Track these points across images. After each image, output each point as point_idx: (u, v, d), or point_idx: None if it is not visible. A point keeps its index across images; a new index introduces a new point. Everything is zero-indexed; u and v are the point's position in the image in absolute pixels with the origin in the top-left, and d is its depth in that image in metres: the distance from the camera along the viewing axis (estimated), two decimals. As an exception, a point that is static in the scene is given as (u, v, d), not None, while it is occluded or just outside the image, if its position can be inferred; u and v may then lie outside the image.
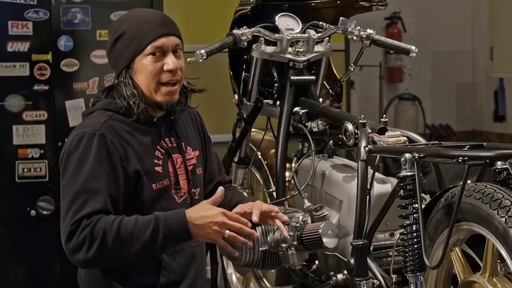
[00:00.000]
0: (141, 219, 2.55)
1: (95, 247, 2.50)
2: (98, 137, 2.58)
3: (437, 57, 6.88)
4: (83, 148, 2.57)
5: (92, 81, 4.73)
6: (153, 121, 2.72)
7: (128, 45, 2.65)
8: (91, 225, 2.50)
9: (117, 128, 2.64)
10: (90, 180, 2.54)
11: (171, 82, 2.68)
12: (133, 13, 2.73)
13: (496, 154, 2.38)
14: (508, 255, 2.35)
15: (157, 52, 2.65)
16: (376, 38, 3.46)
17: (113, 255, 2.54)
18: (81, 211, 2.51)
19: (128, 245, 2.52)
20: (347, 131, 3.05)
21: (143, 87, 2.67)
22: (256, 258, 2.93)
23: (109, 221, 2.51)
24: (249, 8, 3.39)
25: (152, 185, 2.65)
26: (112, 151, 2.59)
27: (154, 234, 2.53)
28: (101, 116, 2.65)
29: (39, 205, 4.66)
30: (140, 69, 2.66)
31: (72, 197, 2.53)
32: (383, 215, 2.84)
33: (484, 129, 7.19)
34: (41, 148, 4.66)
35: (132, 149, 2.63)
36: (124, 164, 2.60)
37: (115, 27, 2.70)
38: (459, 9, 7.14)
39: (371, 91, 6.77)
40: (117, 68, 2.69)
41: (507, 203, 2.35)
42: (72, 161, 2.57)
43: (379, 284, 2.80)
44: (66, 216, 2.53)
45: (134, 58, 2.65)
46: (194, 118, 2.91)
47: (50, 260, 4.67)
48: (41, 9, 4.65)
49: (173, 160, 2.72)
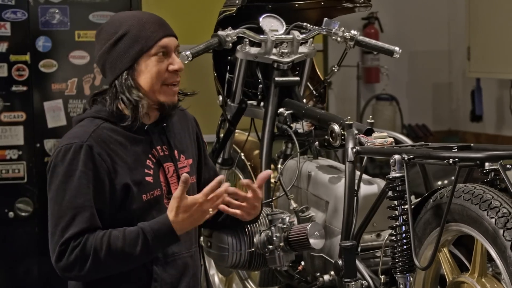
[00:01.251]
0: (128, 233, 2.50)
1: (87, 267, 2.47)
2: (85, 150, 2.51)
3: (414, 57, 6.91)
4: (69, 161, 2.51)
5: (71, 82, 4.70)
6: (144, 129, 2.65)
7: (132, 45, 2.58)
8: (80, 246, 2.47)
9: (106, 138, 2.57)
10: (77, 196, 2.49)
11: (174, 83, 2.64)
12: (129, 14, 2.66)
13: (486, 156, 2.40)
14: (497, 255, 2.36)
15: (161, 52, 2.60)
16: (360, 39, 3.47)
17: (106, 271, 2.52)
18: (69, 229, 2.47)
19: (120, 261, 2.50)
20: (333, 132, 3.06)
21: (146, 88, 2.60)
22: (242, 259, 2.94)
23: (98, 239, 2.48)
24: (235, 9, 3.39)
25: (142, 196, 2.59)
26: (99, 163, 2.52)
27: (144, 247, 2.50)
28: (90, 125, 2.59)
29: (17, 206, 4.64)
30: (143, 70, 2.59)
31: (59, 213, 2.49)
32: (371, 216, 2.85)
33: (460, 129, 7.24)
34: (19, 150, 4.63)
35: (121, 160, 2.57)
36: (112, 176, 2.54)
37: (112, 28, 2.61)
38: (436, 9, 7.18)
39: (349, 92, 6.79)
40: (116, 70, 2.60)
41: (497, 204, 2.37)
42: (58, 174, 2.52)
43: (367, 285, 2.80)
44: (54, 233, 2.49)
45: (138, 59, 2.59)
46: (191, 125, 2.85)
47: (28, 261, 4.65)
48: (19, 10, 4.62)
49: (165, 169, 2.66)
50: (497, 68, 6.22)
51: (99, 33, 2.65)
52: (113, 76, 2.61)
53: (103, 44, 2.61)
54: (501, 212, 2.34)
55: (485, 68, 6.36)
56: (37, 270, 4.63)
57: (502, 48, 6.10)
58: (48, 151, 4.66)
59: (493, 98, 6.83)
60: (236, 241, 2.93)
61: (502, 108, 6.74)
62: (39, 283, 4.65)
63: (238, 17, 3.48)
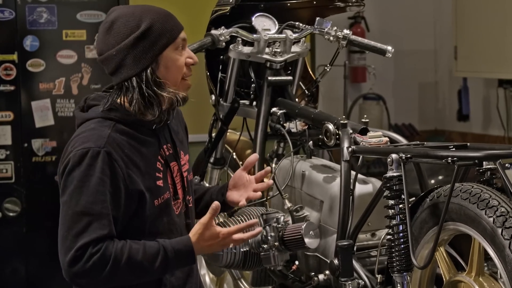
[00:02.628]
0: (148, 248, 2.46)
1: (103, 275, 2.41)
2: (103, 156, 2.43)
3: (400, 57, 6.91)
4: (86, 166, 2.43)
5: (59, 82, 4.70)
6: (152, 128, 2.58)
7: (158, 38, 2.49)
8: (99, 254, 2.40)
9: (121, 142, 2.49)
10: (94, 203, 2.41)
11: (188, 77, 2.60)
12: (143, 8, 2.54)
13: (485, 155, 2.40)
14: (496, 254, 2.36)
15: (181, 45, 2.55)
16: (353, 38, 3.47)
17: (118, 282, 2.47)
18: (85, 235, 2.40)
19: (135, 274, 2.46)
20: (328, 132, 3.05)
21: (171, 82, 2.53)
22: (237, 259, 2.93)
23: (118, 249, 2.42)
24: (228, 8, 3.38)
25: (154, 202, 2.54)
26: (116, 171, 2.45)
27: (163, 265, 2.46)
28: (103, 128, 2.50)
29: (5, 206, 4.63)
30: (168, 63, 2.51)
31: (74, 217, 2.42)
32: (367, 215, 2.85)
33: (447, 129, 7.25)
34: (7, 149, 4.62)
35: (135, 166, 2.50)
36: (127, 183, 2.47)
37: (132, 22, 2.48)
38: (422, 9, 7.18)
39: (335, 91, 6.78)
40: (140, 65, 2.49)
41: (495, 203, 2.37)
42: (74, 178, 2.43)
43: (364, 284, 2.80)
44: (66, 237, 2.42)
45: (162, 52, 2.50)
46: (181, 118, 2.81)
47: (15, 261, 4.64)
48: (6, 9, 4.61)
49: (171, 169, 2.62)
50: (484, 67, 6.24)
51: (111, 27, 2.51)
52: (135, 71, 2.50)
53: (123, 38, 2.49)
54: (499, 211, 2.35)
55: (472, 68, 6.37)
56: (25, 270, 4.63)
57: (489, 48, 6.12)
58: (35, 151, 4.65)
59: (480, 98, 6.84)
60: (230, 240, 2.92)
61: (489, 108, 6.76)
62: (26, 283, 4.65)
63: (230, 17, 3.47)
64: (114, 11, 2.56)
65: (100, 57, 2.55)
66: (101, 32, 2.55)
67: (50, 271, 4.58)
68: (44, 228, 4.57)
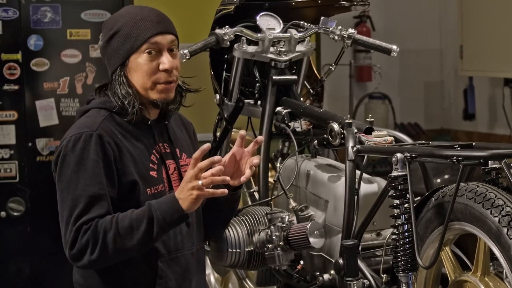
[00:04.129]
0: (136, 211, 2.51)
1: (98, 247, 2.46)
2: (95, 138, 2.52)
3: (406, 56, 6.90)
4: (80, 150, 2.51)
5: (63, 81, 4.69)
6: (148, 123, 2.67)
7: (123, 43, 2.59)
8: (91, 228, 2.46)
9: (113, 129, 2.58)
10: (92, 185, 2.49)
11: (167, 82, 2.62)
12: (128, 10, 2.67)
13: (490, 154, 2.39)
14: (501, 254, 2.35)
15: (152, 50, 2.59)
16: (358, 37, 3.46)
17: (116, 252, 2.49)
18: (84, 216, 2.47)
19: (128, 238, 2.48)
20: (333, 131, 3.04)
21: (138, 85, 2.61)
22: (241, 258, 2.94)
23: (107, 220, 2.48)
24: (233, 7, 3.38)
25: (146, 190, 2.59)
26: (109, 153, 2.53)
27: (150, 221, 2.48)
28: (97, 115, 2.60)
29: (9, 206, 4.63)
30: (135, 67, 2.60)
31: (73, 202, 2.49)
32: (372, 215, 2.84)
33: (453, 128, 7.24)
34: (11, 149, 4.62)
35: (127, 151, 2.58)
36: (118, 166, 2.55)
37: (109, 24, 2.64)
38: (428, 7, 7.18)
39: (341, 90, 6.78)
40: (111, 66, 2.63)
41: (500, 203, 2.36)
42: (70, 163, 2.51)
43: (369, 284, 2.79)
44: (68, 222, 2.49)
45: (129, 56, 2.59)
46: (191, 131, 2.87)
47: (20, 261, 4.64)
48: (10, 8, 4.61)
49: (167, 166, 2.67)
50: (489, 66, 6.23)
51: (102, 27, 2.68)
52: (110, 70, 2.65)
53: (101, 39, 2.66)
54: (504, 210, 2.34)
55: (478, 67, 6.36)
56: (29, 270, 4.63)
57: (494, 47, 6.10)
58: (40, 150, 4.65)
59: (486, 97, 6.83)
60: (235, 240, 2.92)
61: (494, 107, 6.75)
62: (31, 283, 4.65)
63: (235, 16, 3.46)
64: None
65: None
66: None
67: (55, 270, 4.58)
68: (48, 228, 4.57)
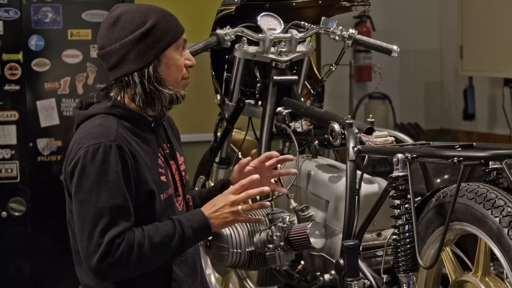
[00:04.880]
0: (162, 227, 2.51)
1: (132, 263, 2.45)
2: (115, 149, 2.47)
3: (406, 56, 6.90)
4: (101, 161, 2.45)
5: (64, 81, 4.69)
6: (151, 125, 2.64)
7: (163, 36, 2.54)
8: (125, 242, 2.44)
9: (127, 138, 2.54)
10: (115, 197, 2.44)
11: (188, 77, 2.65)
12: (148, 7, 2.60)
13: (491, 155, 2.39)
14: (502, 254, 2.35)
15: (182, 46, 2.61)
16: (358, 37, 3.47)
17: (147, 266, 2.50)
18: (112, 229, 2.43)
19: (161, 254, 2.50)
20: (333, 131, 3.05)
21: (172, 80, 2.59)
22: (242, 259, 2.93)
23: (138, 234, 2.47)
24: (234, 8, 3.38)
25: (160, 196, 2.58)
26: (127, 163, 2.49)
27: (181, 238, 2.51)
28: (108, 123, 2.53)
29: (10, 206, 4.63)
30: (169, 62, 2.57)
31: (97, 214, 2.44)
32: (373, 215, 2.84)
33: (453, 128, 7.24)
34: (12, 149, 4.62)
35: (142, 160, 2.54)
36: (135, 175, 2.51)
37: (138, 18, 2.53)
38: (428, 8, 7.18)
39: (341, 90, 6.78)
40: (142, 61, 2.54)
41: (501, 203, 2.36)
42: (90, 175, 2.45)
43: (370, 284, 2.79)
44: (92, 234, 2.43)
45: (165, 50, 2.55)
46: (174, 126, 2.86)
47: (20, 261, 4.64)
48: (11, 8, 4.61)
49: (171, 167, 2.67)
50: (489, 66, 6.23)
51: (116, 23, 2.56)
52: (137, 66, 2.55)
53: (128, 33, 2.54)
54: (505, 211, 2.34)
55: (478, 67, 6.36)
56: (30, 270, 4.63)
57: (494, 47, 6.11)
58: (41, 150, 4.65)
59: (486, 97, 6.84)
60: (235, 240, 2.92)
61: (494, 107, 6.75)
62: (32, 283, 4.65)
63: (235, 16, 3.47)
64: (118, 8, 2.61)
65: (101, 51, 2.59)
66: (105, 27, 2.59)
67: (55, 270, 4.58)
68: (49, 228, 4.57)
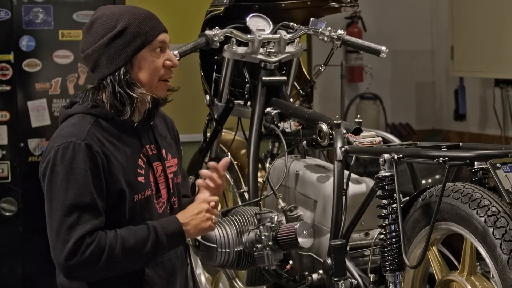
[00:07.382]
0: (136, 231, 2.52)
1: (100, 264, 2.46)
2: (84, 148, 2.48)
3: (397, 56, 6.92)
4: (69, 160, 2.47)
5: (55, 81, 4.70)
6: (134, 126, 2.63)
7: (132, 40, 2.54)
8: (95, 243, 2.45)
9: (100, 136, 2.55)
10: (82, 195, 2.46)
11: (168, 79, 2.64)
12: (123, 8, 2.61)
13: (476, 155, 2.40)
14: (487, 254, 2.37)
15: (160, 47, 2.60)
16: (347, 38, 3.48)
17: (118, 269, 2.51)
18: (79, 228, 2.45)
19: (133, 258, 2.51)
20: (321, 132, 3.06)
21: (145, 83, 2.59)
22: (231, 258, 2.94)
23: (111, 237, 2.48)
24: (222, 9, 3.39)
25: (134, 197, 2.58)
26: (98, 162, 2.50)
27: (155, 245, 2.52)
28: (83, 122, 2.55)
29: (1, 206, 4.64)
30: (142, 65, 2.57)
31: (64, 212, 2.46)
32: (360, 215, 2.85)
33: (444, 128, 7.25)
34: (3, 149, 4.63)
35: (115, 159, 2.55)
36: (107, 175, 2.52)
37: (110, 22, 2.55)
38: (419, 8, 7.19)
39: (332, 91, 6.79)
40: (113, 65, 2.56)
41: (486, 203, 2.38)
42: (58, 173, 2.48)
43: (357, 283, 2.81)
44: (59, 231, 2.46)
45: (136, 54, 2.56)
46: (172, 127, 2.86)
47: (12, 261, 4.64)
48: (2, 9, 4.61)
49: (154, 168, 2.66)
50: (480, 67, 6.25)
51: (91, 27, 2.59)
52: (109, 70, 2.57)
53: (99, 38, 2.56)
54: (490, 211, 2.35)
55: (469, 67, 6.37)
56: (21, 270, 4.63)
57: (485, 47, 6.12)
58: (32, 150, 4.65)
59: (477, 97, 6.85)
60: (224, 240, 2.93)
61: (485, 107, 6.76)
62: (23, 283, 4.65)
63: (224, 17, 3.48)
64: (98, 11, 2.63)
65: (82, 55, 2.64)
66: (83, 31, 2.63)
67: (47, 270, 4.57)
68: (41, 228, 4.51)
